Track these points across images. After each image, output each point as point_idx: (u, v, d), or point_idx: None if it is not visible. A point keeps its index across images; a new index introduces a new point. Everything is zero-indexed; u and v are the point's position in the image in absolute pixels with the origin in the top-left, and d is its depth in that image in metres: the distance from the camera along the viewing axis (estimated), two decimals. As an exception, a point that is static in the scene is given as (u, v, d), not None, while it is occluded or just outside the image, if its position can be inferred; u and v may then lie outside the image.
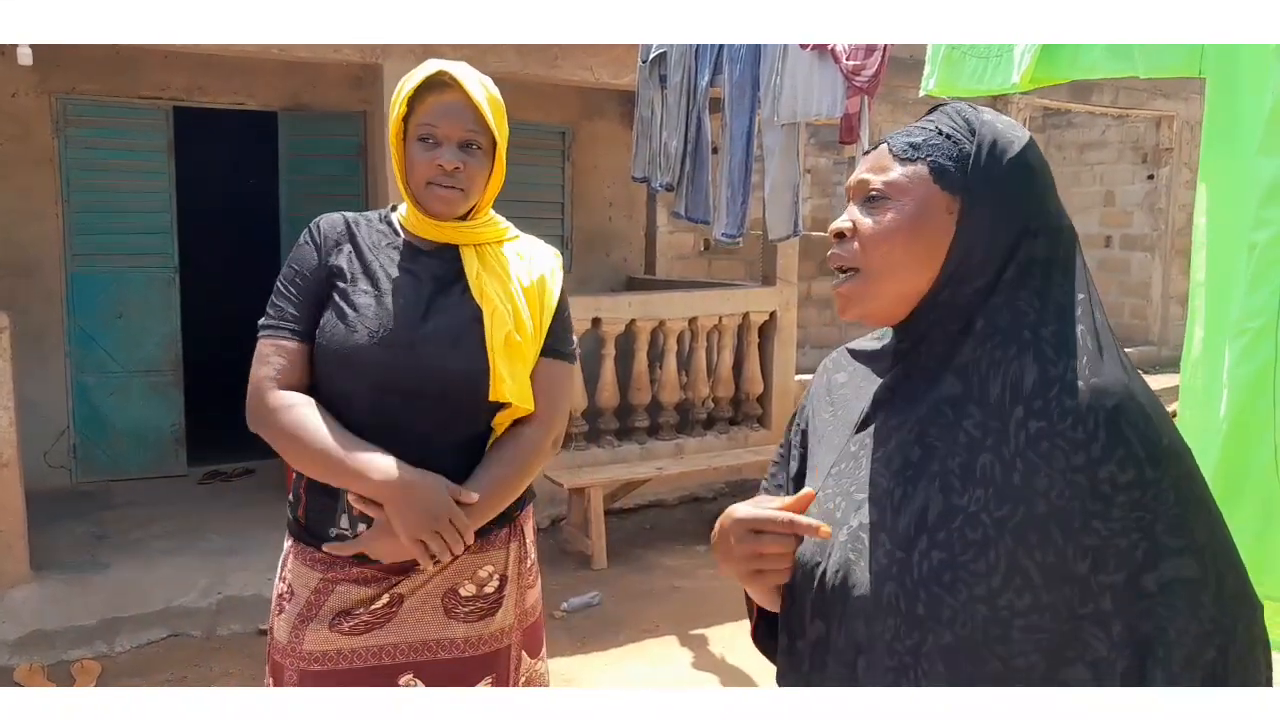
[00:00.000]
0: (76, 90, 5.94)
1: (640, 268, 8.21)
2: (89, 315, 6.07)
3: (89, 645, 4.18)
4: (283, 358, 1.71)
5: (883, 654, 1.01)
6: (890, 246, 1.05)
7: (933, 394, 1.05)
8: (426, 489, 1.61)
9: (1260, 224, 1.60)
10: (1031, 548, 0.96)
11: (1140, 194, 11.11)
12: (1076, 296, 1.03)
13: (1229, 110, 1.78)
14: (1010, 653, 0.97)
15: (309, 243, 1.79)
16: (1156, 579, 0.95)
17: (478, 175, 1.75)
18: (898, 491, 1.04)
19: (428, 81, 1.71)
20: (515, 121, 6.46)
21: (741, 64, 4.97)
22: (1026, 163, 1.05)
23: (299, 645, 1.73)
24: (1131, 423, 0.97)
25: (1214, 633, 0.96)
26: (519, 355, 1.75)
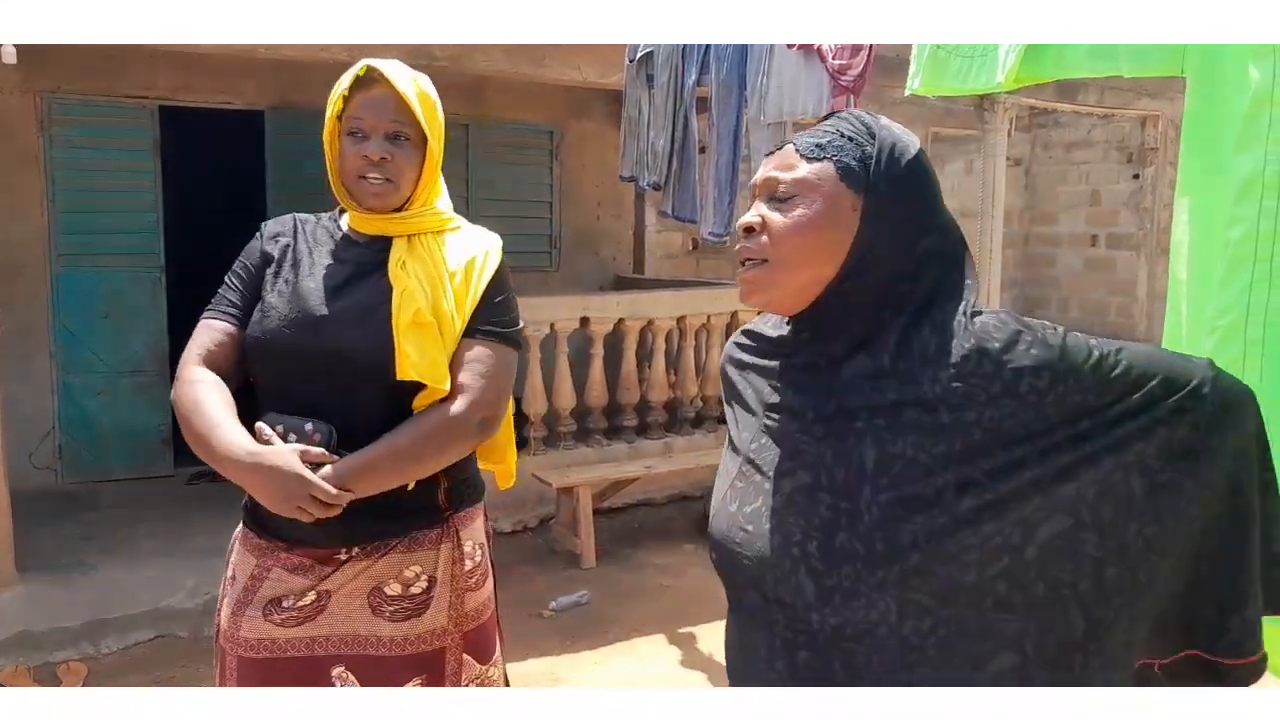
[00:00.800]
0: (61, 89, 5.92)
1: (629, 267, 8.20)
2: (75, 315, 6.04)
3: (75, 647, 4.17)
4: (208, 336, 1.78)
5: (844, 600, 1.05)
6: (799, 239, 1.11)
7: (846, 371, 1.12)
8: (273, 469, 1.61)
9: (1234, 221, 1.62)
10: (978, 463, 1.04)
11: (1126, 193, 11.16)
12: (966, 283, 1.13)
13: (1208, 109, 1.79)
14: (986, 536, 1.03)
15: (256, 237, 1.88)
16: (1108, 424, 1.05)
17: (406, 166, 1.79)
18: (828, 453, 1.10)
19: (356, 79, 1.76)
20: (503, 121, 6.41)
21: (728, 63, 4.97)
22: (921, 166, 1.15)
23: (237, 631, 1.77)
24: (1024, 342, 1.07)
25: (1184, 414, 1.06)
26: (429, 335, 1.74)
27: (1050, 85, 8.40)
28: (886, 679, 1.05)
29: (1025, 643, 1.04)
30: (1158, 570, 1.07)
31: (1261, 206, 1.58)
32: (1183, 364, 1.11)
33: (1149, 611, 1.08)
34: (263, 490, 1.63)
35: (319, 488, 1.61)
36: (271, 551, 1.77)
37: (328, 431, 1.68)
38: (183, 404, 1.71)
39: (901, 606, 1.04)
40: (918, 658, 1.04)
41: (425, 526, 1.80)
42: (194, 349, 1.77)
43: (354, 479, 1.65)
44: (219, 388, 1.73)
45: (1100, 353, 1.08)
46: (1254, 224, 1.59)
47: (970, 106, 8.81)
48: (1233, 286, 1.61)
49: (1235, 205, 1.61)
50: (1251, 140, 1.61)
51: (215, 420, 1.67)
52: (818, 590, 1.06)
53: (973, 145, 10.88)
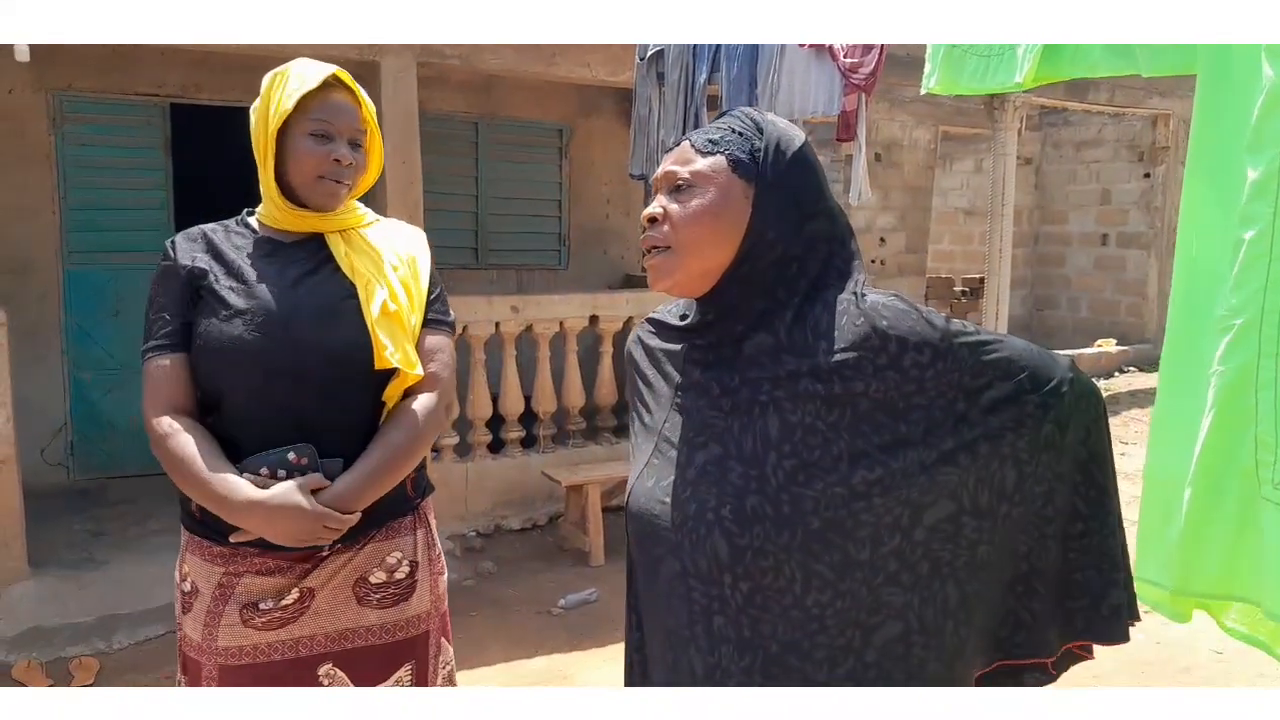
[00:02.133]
0: (73, 87, 5.94)
1: (638, 265, 8.20)
2: (86, 312, 6.07)
3: (87, 642, 4.18)
4: (161, 376, 1.75)
5: (754, 559, 1.14)
6: (697, 227, 1.20)
7: (748, 348, 1.21)
8: (283, 512, 1.63)
9: (1247, 220, 1.60)
10: (868, 435, 1.15)
11: (1136, 192, 11.12)
12: (854, 263, 1.24)
13: (1218, 107, 1.78)
14: (879, 514, 1.14)
15: (168, 259, 1.83)
16: (982, 409, 1.18)
17: (359, 172, 1.85)
18: (735, 425, 1.20)
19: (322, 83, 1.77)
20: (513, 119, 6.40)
21: (739, 61, 4.97)
22: (805, 157, 1.24)
23: (213, 642, 1.74)
24: (910, 321, 1.17)
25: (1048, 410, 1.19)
26: (399, 323, 1.79)
27: (1061, 84, 8.37)
28: (790, 645, 1.15)
29: (909, 614, 1.16)
30: (1018, 546, 1.21)
31: (1277, 206, 1.57)
32: (1049, 361, 1.23)
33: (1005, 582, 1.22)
34: (276, 533, 1.65)
35: (331, 518, 1.65)
36: (239, 557, 1.74)
37: (310, 452, 1.69)
38: (167, 460, 1.70)
39: (805, 576, 1.14)
40: (817, 626, 1.15)
41: (399, 515, 1.84)
42: (153, 398, 1.75)
43: (357, 497, 1.70)
44: (194, 432, 1.71)
45: (979, 338, 1.20)
46: (1269, 223, 1.58)
47: (980, 105, 8.79)
48: (1247, 287, 1.60)
49: (1249, 204, 1.60)
50: (1265, 139, 1.60)
51: (205, 472, 1.66)
52: (731, 550, 1.15)
53: (983, 144, 10.85)
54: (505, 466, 5.69)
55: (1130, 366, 10.10)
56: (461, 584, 4.79)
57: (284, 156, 1.79)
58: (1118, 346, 10.49)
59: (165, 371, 1.76)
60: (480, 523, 5.54)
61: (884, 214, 10.34)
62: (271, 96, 1.78)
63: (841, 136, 4.58)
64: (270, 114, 1.77)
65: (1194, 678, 3.74)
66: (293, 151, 1.78)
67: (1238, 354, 1.62)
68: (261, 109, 1.79)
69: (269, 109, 1.77)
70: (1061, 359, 1.26)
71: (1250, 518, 1.64)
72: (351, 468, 1.71)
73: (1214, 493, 1.68)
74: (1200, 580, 1.72)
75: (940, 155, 11.08)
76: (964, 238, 12.39)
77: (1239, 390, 1.63)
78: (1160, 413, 1.89)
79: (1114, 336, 10.89)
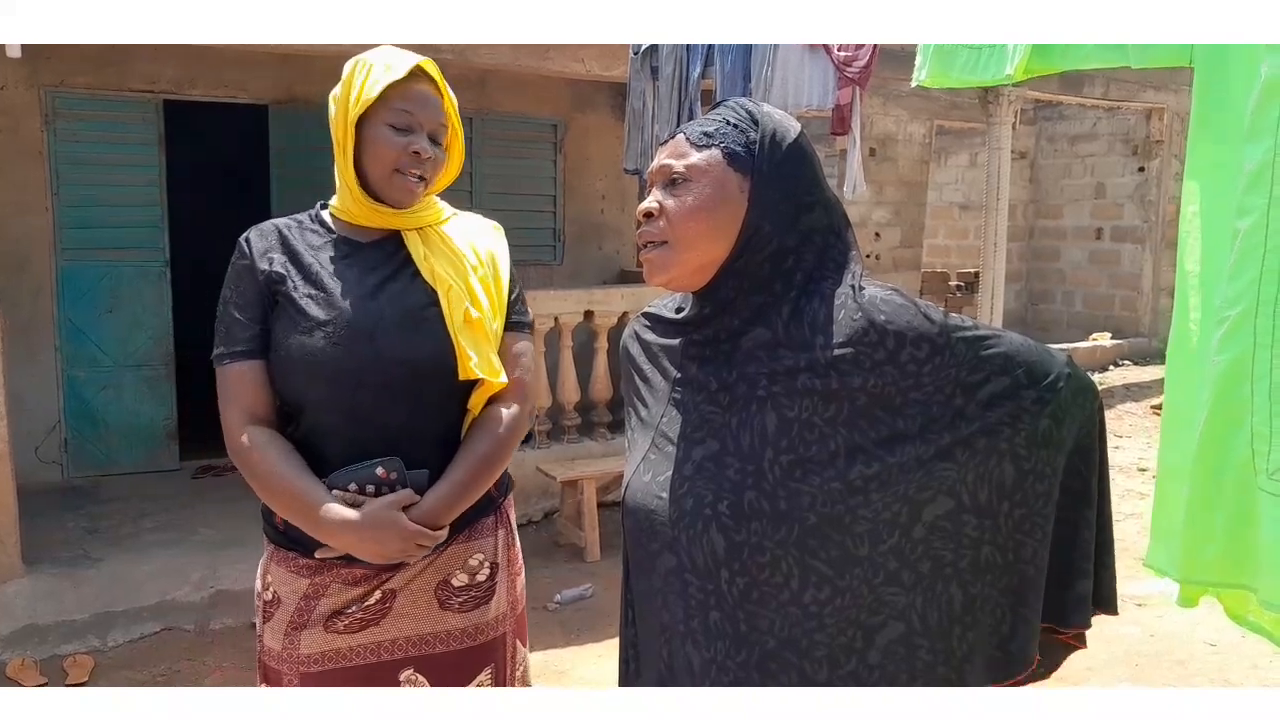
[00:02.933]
0: (66, 83, 5.92)
1: (633, 260, 8.20)
2: (79, 309, 6.06)
3: (82, 640, 4.18)
4: (243, 385, 1.70)
5: (752, 555, 1.14)
6: (693, 222, 1.20)
7: (745, 343, 1.21)
8: (377, 531, 1.61)
9: (1243, 211, 1.61)
10: (864, 430, 1.15)
11: (1131, 186, 11.14)
12: (850, 254, 1.23)
13: (1216, 98, 1.79)
14: (877, 510, 1.14)
15: (244, 257, 1.75)
16: (979, 404, 1.17)
17: (440, 168, 1.78)
18: (733, 420, 1.19)
19: (409, 73, 1.71)
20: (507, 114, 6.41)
21: (733, 56, 4.96)
22: (801, 148, 1.23)
23: (295, 651, 1.71)
24: (908, 316, 1.17)
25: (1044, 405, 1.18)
26: (481, 331, 1.74)
27: (1055, 78, 8.38)
28: (788, 642, 1.14)
29: (912, 615, 1.15)
30: (1022, 548, 1.19)
31: (1272, 197, 1.57)
32: (1045, 356, 1.23)
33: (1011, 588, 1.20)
34: (370, 552, 1.63)
35: (425, 536, 1.63)
36: (326, 568, 1.71)
37: (398, 466, 1.66)
38: (252, 474, 1.67)
39: (803, 572, 1.13)
40: (816, 624, 1.14)
41: (481, 514, 1.81)
42: (234, 407, 1.70)
43: (448, 512, 1.68)
44: (278, 445, 1.68)
45: (976, 333, 1.20)
46: (1264, 214, 1.58)
47: (975, 99, 8.79)
48: (1242, 278, 1.60)
49: (1245, 195, 1.61)
50: (1262, 130, 1.61)
51: (295, 491, 1.64)
52: (728, 546, 1.15)
53: (977, 138, 10.86)
54: (501, 462, 5.68)
55: (1125, 360, 10.12)
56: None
57: (362, 147, 1.71)
58: (1112, 340, 10.50)
59: (245, 379, 1.70)
60: (476, 519, 5.54)
61: (879, 209, 10.35)
62: (354, 83, 1.70)
63: (836, 130, 4.58)
64: (351, 102, 1.69)
65: (1189, 670, 3.75)
66: (371, 142, 1.70)
67: (1233, 345, 1.63)
68: (343, 96, 1.71)
69: (350, 96, 1.70)
70: (1058, 354, 1.25)
71: (1247, 507, 1.65)
72: (439, 481, 1.68)
73: (1212, 483, 1.69)
74: (1202, 569, 1.74)
75: (935, 150, 11.08)
76: (959, 232, 12.40)
77: (1234, 381, 1.63)
78: (1168, 405, 1.91)
79: (1108, 330, 10.92)
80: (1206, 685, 3.62)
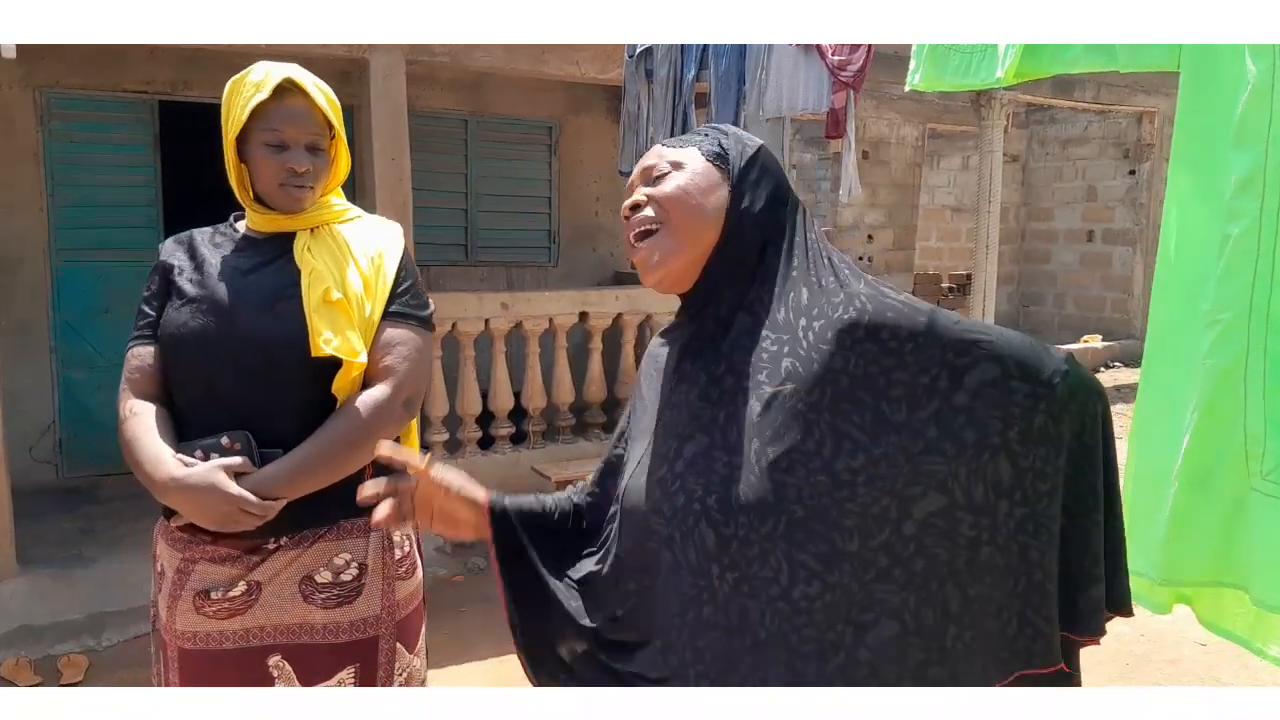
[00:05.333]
0: (61, 84, 5.91)
1: (627, 262, 8.21)
2: (75, 310, 6.05)
3: (76, 640, 4.18)
4: (135, 363, 1.81)
5: (740, 549, 1.14)
6: (686, 201, 1.23)
7: (730, 333, 1.23)
8: (200, 492, 1.64)
9: (1234, 216, 1.62)
10: (848, 414, 1.13)
11: (1122, 189, 11.19)
12: (822, 244, 1.26)
13: (1203, 102, 1.80)
14: (865, 504, 1.12)
15: (157, 256, 1.91)
16: (966, 391, 1.14)
17: (323, 173, 1.85)
18: (720, 414, 1.20)
19: (276, 90, 1.76)
20: (502, 116, 6.39)
21: (727, 58, 4.98)
22: (768, 154, 1.29)
23: (174, 624, 1.78)
24: (888, 299, 1.18)
25: (1038, 400, 1.14)
26: (343, 313, 1.76)
27: (1047, 81, 8.42)
28: (777, 636, 1.14)
29: (905, 614, 1.12)
30: (1027, 550, 1.15)
31: (1264, 202, 1.59)
32: (1042, 353, 1.19)
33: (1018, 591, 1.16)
34: (194, 513, 1.67)
35: (246, 502, 1.64)
36: (195, 544, 1.77)
37: (244, 438, 1.70)
38: (121, 442, 1.75)
39: (792, 568, 1.12)
40: (805, 620, 1.13)
41: (353, 515, 1.78)
42: (124, 383, 1.81)
43: (280, 485, 1.69)
44: (148, 415, 1.76)
45: (966, 323, 1.18)
46: (1255, 219, 1.59)
47: (967, 103, 8.83)
48: (1234, 282, 1.62)
49: (1234, 200, 1.62)
50: (1251, 135, 1.62)
51: (144, 453, 1.71)
52: (717, 540, 1.15)
53: (969, 141, 10.89)
54: (495, 463, 5.69)
55: (1116, 362, 10.16)
56: (451, 580, 4.80)
57: (248, 164, 1.82)
58: (1103, 342, 10.55)
59: (136, 360, 1.82)
60: (470, 519, 5.54)
61: (871, 211, 10.38)
62: (229, 106, 1.79)
63: (830, 134, 4.60)
64: (228, 125, 1.79)
65: (1179, 669, 3.78)
66: (253, 160, 1.80)
67: (1225, 348, 1.64)
68: (223, 119, 1.81)
69: (226, 118, 1.80)
70: (1057, 352, 1.22)
71: (1240, 508, 1.66)
72: (284, 456, 1.71)
73: (1202, 484, 1.70)
74: (1187, 569, 1.75)
75: (927, 153, 11.12)
76: (951, 235, 12.44)
77: (1227, 384, 1.65)
78: (1143, 407, 1.91)
79: (1100, 332, 10.96)
80: (1197, 684, 3.65)
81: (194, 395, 1.77)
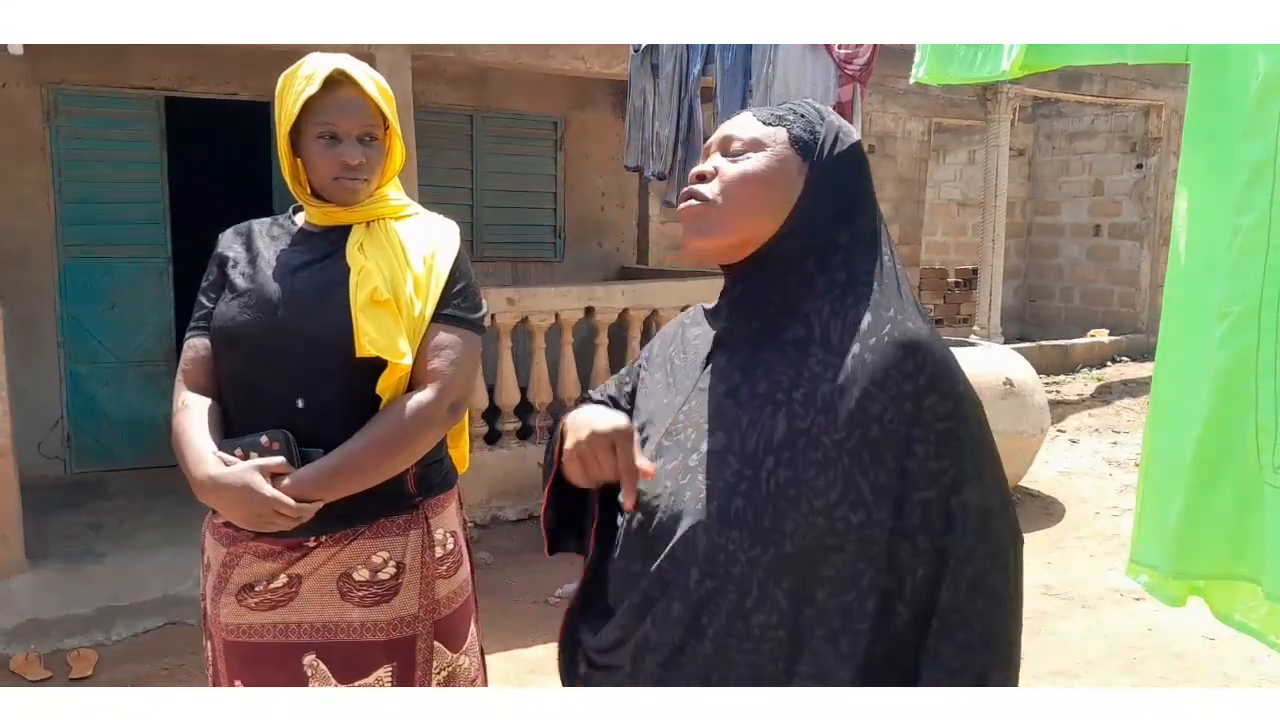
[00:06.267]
0: (67, 80, 5.92)
1: (633, 257, 8.22)
2: (82, 306, 6.07)
3: (85, 634, 4.20)
4: (190, 354, 1.83)
5: (725, 564, 1.13)
6: (747, 186, 1.18)
7: (777, 336, 1.19)
8: (234, 491, 1.64)
9: (1244, 207, 1.62)
10: (866, 467, 1.10)
11: (1129, 183, 11.16)
12: (898, 269, 1.20)
13: (1212, 93, 1.79)
14: (845, 561, 1.10)
15: (216, 247, 1.91)
16: (960, 501, 1.10)
17: (378, 164, 1.84)
18: (744, 418, 1.16)
19: (326, 81, 1.75)
20: (508, 111, 6.40)
21: (733, 53, 4.98)
22: (861, 154, 1.23)
23: (218, 616, 1.79)
24: (946, 364, 1.13)
25: (998, 554, 1.12)
26: (388, 313, 1.74)
27: (1053, 75, 8.40)
28: (723, 651, 1.14)
29: (834, 679, 1.10)
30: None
31: (1274, 193, 1.58)
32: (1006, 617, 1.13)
33: None
34: (229, 512, 1.68)
35: (281, 503, 1.63)
36: (240, 539, 1.77)
37: (284, 438, 1.69)
38: (173, 432, 1.77)
39: (762, 597, 1.12)
40: (752, 646, 1.13)
41: (392, 513, 1.80)
42: (180, 374, 1.83)
43: (316, 487, 1.68)
44: (199, 409, 1.77)
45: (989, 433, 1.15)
46: (1265, 211, 1.59)
47: (973, 96, 8.81)
48: (1246, 273, 1.61)
49: (1245, 192, 1.62)
50: (1261, 127, 1.62)
51: (188, 449, 1.72)
52: (707, 546, 1.13)
53: (976, 135, 10.87)
54: (501, 458, 5.70)
55: (1123, 356, 10.14)
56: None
57: (303, 157, 1.81)
58: (1110, 337, 10.53)
59: (192, 351, 1.83)
60: (477, 514, 5.56)
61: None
62: (281, 100, 1.79)
63: (836, 128, 4.59)
64: (280, 120, 1.79)
65: (1186, 664, 3.77)
66: (306, 154, 1.80)
67: (1236, 340, 1.64)
68: (276, 114, 1.81)
69: (279, 114, 1.79)
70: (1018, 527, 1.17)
71: (1252, 501, 1.66)
72: (322, 457, 1.70)
73: (1214, 476, 1.70)
74: (1200, 562, 1.75)
75: (933, 147, 11.10)
76: (957, 229, 12.41)
77: (1238, 376, 1.64)
78: (1157, 399, 1.91)
79: (1106, 327, 10.94)
80: (1204, 679, 3.64)
81: (239, 390, 1.78)
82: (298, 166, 1.83)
